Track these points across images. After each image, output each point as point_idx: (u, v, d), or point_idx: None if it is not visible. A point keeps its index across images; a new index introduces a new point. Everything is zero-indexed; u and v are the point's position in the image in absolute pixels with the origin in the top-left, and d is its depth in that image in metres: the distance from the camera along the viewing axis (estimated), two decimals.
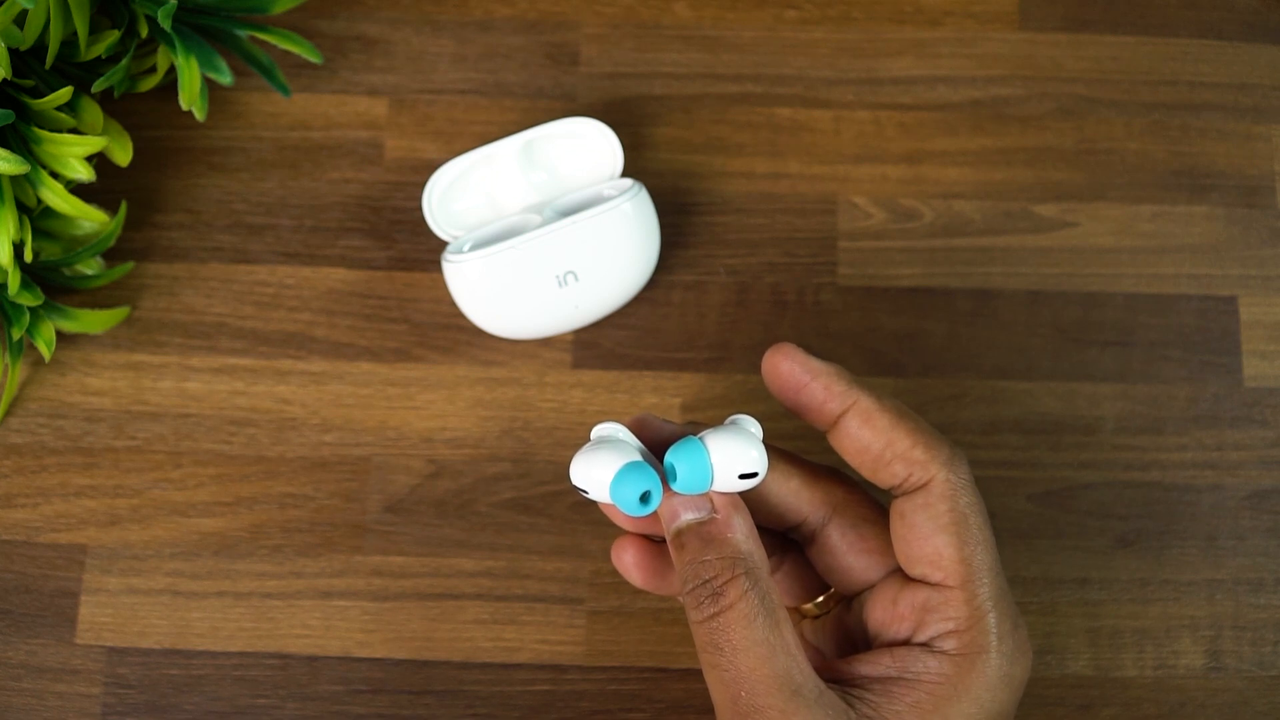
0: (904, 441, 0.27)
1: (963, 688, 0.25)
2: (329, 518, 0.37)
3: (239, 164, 0.40)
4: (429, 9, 0.41)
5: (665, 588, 0.30)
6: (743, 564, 0.26)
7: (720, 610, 0.25)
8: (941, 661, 0.26)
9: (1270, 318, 0.39)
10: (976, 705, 0.25)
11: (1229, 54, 0.41)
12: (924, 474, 0.27)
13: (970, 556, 0.26)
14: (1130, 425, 0.38)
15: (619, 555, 0.30)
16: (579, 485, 0.27)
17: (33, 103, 0.34)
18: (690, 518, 0.26)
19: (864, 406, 0.27)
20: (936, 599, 0.26)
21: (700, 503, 0.26)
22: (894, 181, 0.40)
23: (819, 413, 0.28)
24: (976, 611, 0.26)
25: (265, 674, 0.36)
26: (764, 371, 0.29)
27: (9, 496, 0.37)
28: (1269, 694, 0.36)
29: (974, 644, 0.26)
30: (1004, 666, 0.26)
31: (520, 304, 0.35)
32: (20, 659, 0.36)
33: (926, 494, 0.27)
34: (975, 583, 0.26)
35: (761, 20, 0.41)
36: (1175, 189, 0.40)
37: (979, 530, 0.27)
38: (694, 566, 0.26)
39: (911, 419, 0.27)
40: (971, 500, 0.27)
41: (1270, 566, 0.37)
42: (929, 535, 0.26)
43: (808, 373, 0.28)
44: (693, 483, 0.26)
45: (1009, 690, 0.26)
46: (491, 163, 0.38)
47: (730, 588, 0.25)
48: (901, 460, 0.27)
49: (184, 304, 0.39)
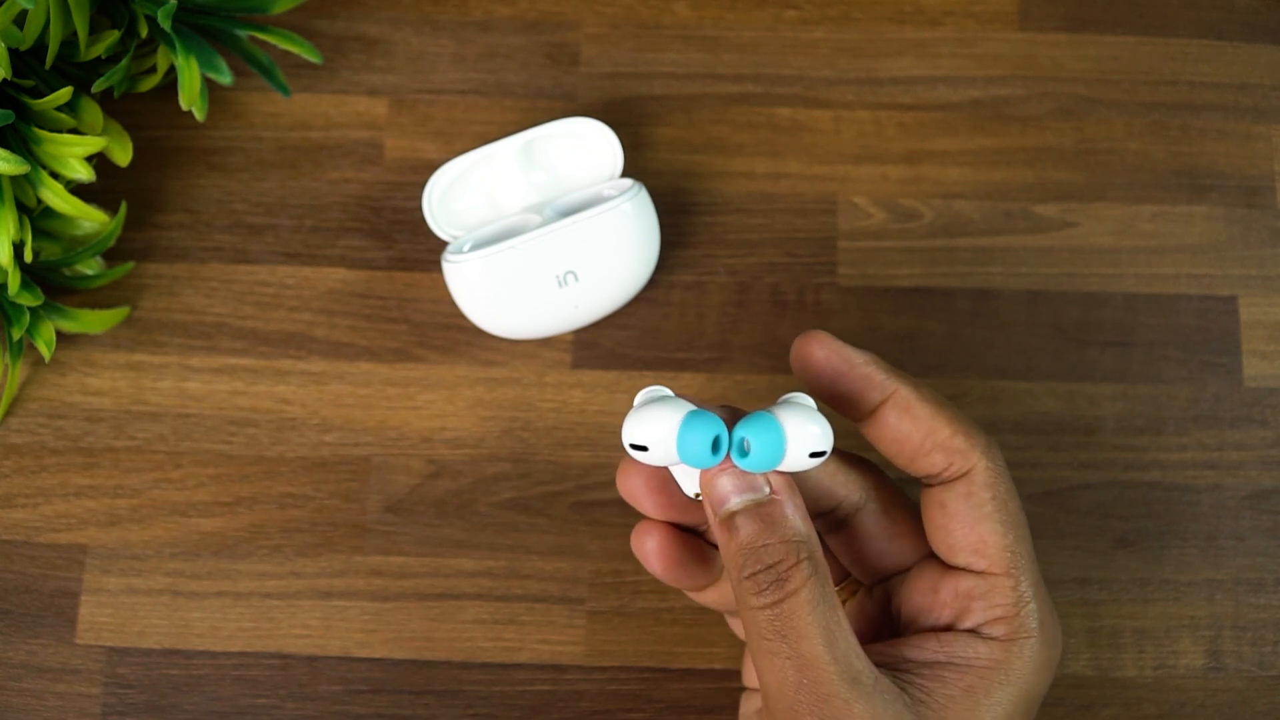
0: (944, 430, 0.26)
1: (1011, 671, 0.26)
2: (329, 518, 0.37)
3: (239, 164, 0.40)
4: (429, 9, 0.41)
5: (685, 579, 0.29)
6: (805, 548, 0.25)
7: (786, 595, 0.24)
8: (991, 647, 0.26)
9: (1270, 318, 0.39)
10: (1023, 687, 0.26)
11: (1229, 54, 0.41)
12: (965, 463, 0.26)
13: (1014, 544, 0.26)
14: (1130, 425, 0.38)
15: (640, 542, 0.28)
16: (638, 442, 0.25)
17: (33, 103, 0.34)
18: (749, 498, 0.25)
19: (903, 396, 0.27)
20: (982, 587, 0.26)
21: (755, 483, 0.25)
22: (894, 181, 0.40)
23: (855, 404, 0.27)
24: (1021, 598, 0.26)
25: (265, 674, 0.36)
26: (795, 360, 0.27)
27: (9, 496, 0.37)
28: (1269, 694, 0.36)
29: (1021, 629, 0.26)
30: (1045, 651, 0.26)
31: (520, 304, 0.35)
32: (20, 659, 0.36)
33: (969, 483, 0.26)
34: (1019, 570, 0.26)
35: (761, 20, 0.41)
36: (1175, 189, 0.40)
37: (1018, 516, 0.27)
38: (754, 551, 0.25)
39: (950, 408, 0.27)
40: (1010, 487, 0.27)
41: (1270, 566, 0.37)
42: (973, 524, 0.26)
43: (845, 362, 0.27)
44: (765, 459, 0.24)
45: (1049, 672, 0.26)
46: (491, 163, 0.38)
47: (795, 572, 0.25)
48: (942, 450, 0.26)
49: (184, 304, 0.39)
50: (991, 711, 0.25)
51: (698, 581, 0.29)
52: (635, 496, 0.28)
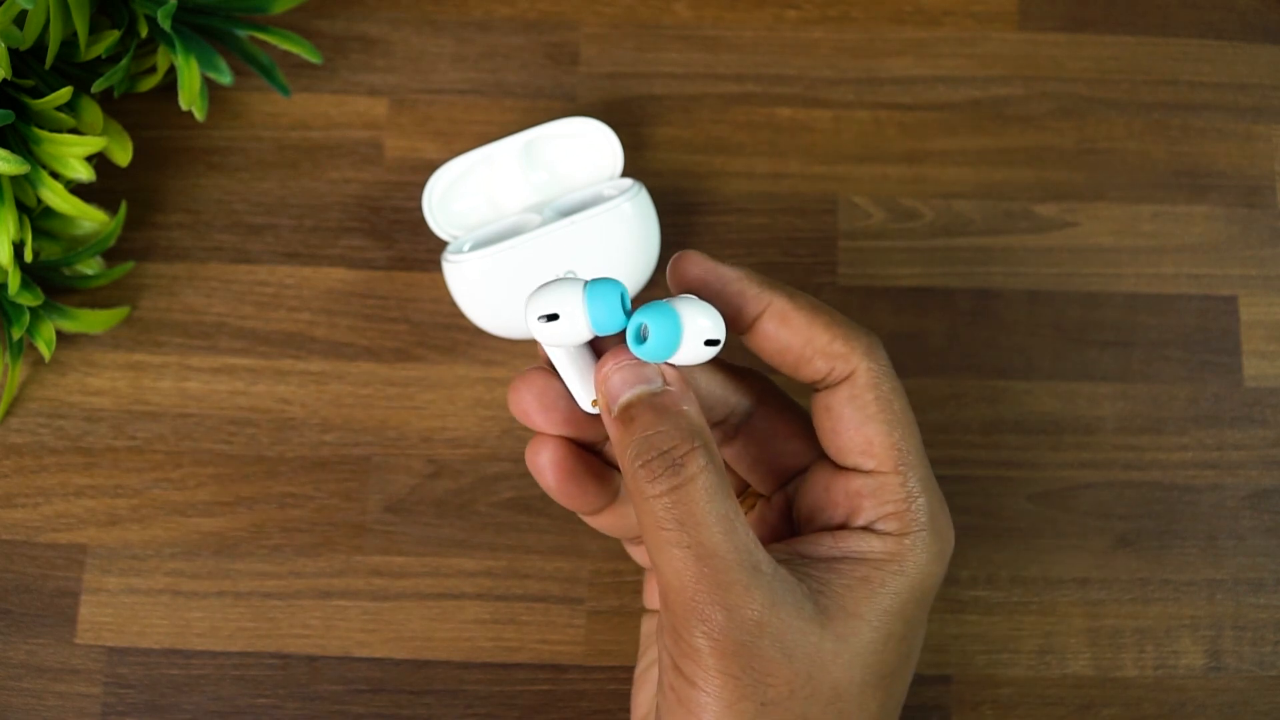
0: (822, 337, 0.27)
1: (905, 563, 0.26)
2: (329, 518, 0.37)
3: (239, 164, 0.40)
4: (429, 9, 0.41)
5: (580, 496, 0.28)
6: (700, 436, 0.25)
7: (682, 482, 0.24)
8: (885, 541, 0.26)
9: (1270, 318, 0.39)
10: (917, 577, 0.26)
11: (1229, 54, 0.41)
12: (846, 366, 0.27)
13: (900, 442, 0.27)
14: (1130, 425, 0.38)
15: (534, 455, 0.28)
16: (547, 311, 0.25)
17: (33, 103, 0.34)
18: (642, 389, 0.25)
19: (779, 307, 0.27)
20: (871, 485, 0.27)
21: (650, 374, 0.25)
22: (894, 181, 0.40)
23: (734, 318, 0.27)
24: (910, 493, 0.26)
25: (265, 674, 0.36)
26: (671, 281, 0.28)
27: (9, 496, 0.37)
28: (1269, 694, 0.36)
29: (912, 523, 0.26)
30: (937, 543, 0.26)
31: (520, 304, 0.35)
32: (20, 659, 0.36)
33: (851, 385, 0.27)
34: (907, 467, 0.27)
35: (761, 20, 0.41)
36: (1175, 189, 0.40)
37: (903, 414, 0.27)
38: (648, 439, 0.25)
39: (827, 313, 0.27)
40: (894, 385, 0.27)
41: (1270, 566, 0.37)
42: (858, 425, 0.27)
43: (719, 279, 0.27)
44: (663, 345, 0.25)
45: (941, 563, 0.27)
46: (491, 163, 0.38)
47: (690, 459, 0.24)
48: (822, 355, 0.27)
49: (184, 304, 0.39)
50: (886, 600, 0.26)
51: (593, 501, 0.28)
52: (528, 413, 0.27)
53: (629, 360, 0.25)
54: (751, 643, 0.24)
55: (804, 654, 0.24)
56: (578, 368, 0.26)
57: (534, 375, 0.27)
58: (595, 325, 0.25)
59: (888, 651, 0.26)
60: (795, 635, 0.24)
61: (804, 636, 0.24)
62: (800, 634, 0.24)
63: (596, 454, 0.28)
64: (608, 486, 0.28)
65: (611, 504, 0.29)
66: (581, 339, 0.25)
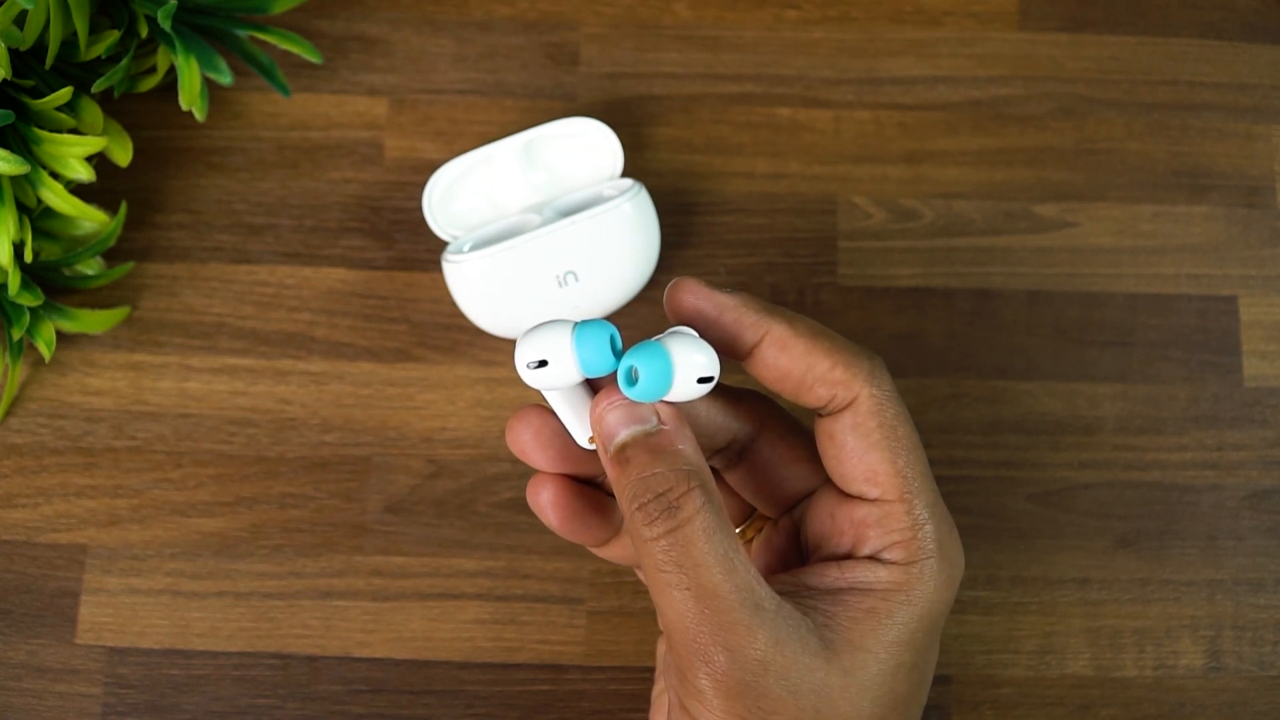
0: (823, 363, 0.26)
1: (912, 592, 0.26)
2: (329, 518, 0.37)
3: (239, 164, 0.40)
4: (429, 9, 0.41)
5: (583, 531, 0.28)
6: (696, 476, 0.25)
7: (679, 524, 0.24)
8: (891, 571, 0.26)
9: (1270, 318, 0.39)
10: (925, 606, 0.26)
11: (1229, 54, 0.41)
12: (848, 393, 0.26)
13: (905, 469, 0.26)
14: (1130, 425, 0.38)
15: (535, 494, 0.28)
16: (536, 357, 0.24)
17: (33, 103, 0.34)
18: (636, 430, 0.25)
19: (778, 334, 0.26)
20: (876, 514, 0.26)
21: (644, 414, 0.25)
22: (894, 181, 0.40)
23: (732, 346, 0.27)
24: (917, 521, 0.26)
25: (265, 674, 0.36)
26: (666, 310, 0.27)
27: (9, 496, 0.37)
28: (1269, 694, 0.36)
29: (919, 551, 0.26)
30: (946, 570, 0.26)
31: (520, 304, 0.35)
32: (20, 659, 0.36)
33: (854, 413, 0.26)
34: (913, 494, 0.26)
35: (761, 20, 0.41)
36: (1175, 189, 0.40)
37: (908, 439, 0.26)
38: (644, 480, 0.25)
39: (828, 338, 0.26)
40: (898, 411, 0.26)
41: (1270, 566, 0.37)
42: (862, 453, 0.26)
43: (716, 307, 0.27)
44: (653, 386, 0.24)
45: (950, 589, 0.26)
46: (491, 163, 0.38)
47: (686, 500, 0.24)
48: (823, 382, 0.26)
49: (184, 304, 0.39)
50: (894, 631, 0.25)
51: (596, 535, 0.28)
52: (525, 451, 0.27)
53: (623, 399, 0.25)
54: (756, 682, 0.24)
55: (810, 689, 0.24)
56: (572, 405, 0.26)
57: (530, 413, 0.27)
58: (585, 369, 0.24)
59: (897, 682, 0.25)
60: (800, 671, 0.24)
61: (809, 672, 0.24)
62: (805, 670, 0.24)
63: (598, 487, 0.28)
64: (610, 520, 0.28)
65: (616, 535, 0.29)
66: (572, 382, 0.25)
